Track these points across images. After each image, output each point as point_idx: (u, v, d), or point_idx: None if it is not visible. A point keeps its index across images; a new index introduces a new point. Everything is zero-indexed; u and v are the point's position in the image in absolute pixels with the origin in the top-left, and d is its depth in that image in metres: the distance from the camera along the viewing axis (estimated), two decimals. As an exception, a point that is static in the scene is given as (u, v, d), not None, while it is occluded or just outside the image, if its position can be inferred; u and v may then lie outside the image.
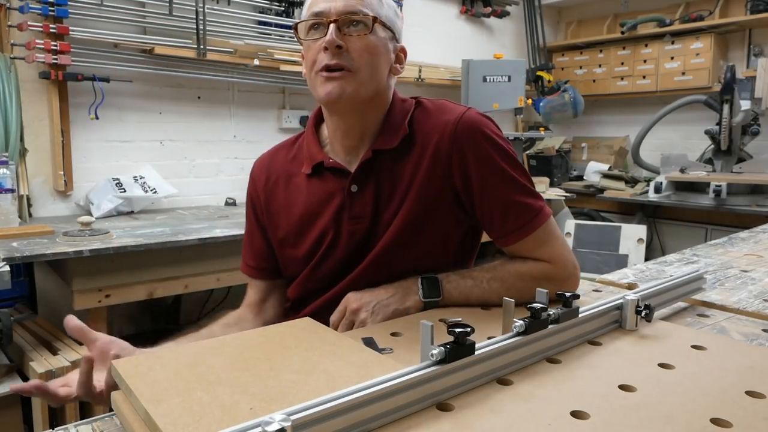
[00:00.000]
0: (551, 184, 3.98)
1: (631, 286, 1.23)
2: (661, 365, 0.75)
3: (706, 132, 3.64)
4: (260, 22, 3.04)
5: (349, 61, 0.96)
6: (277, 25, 3.07)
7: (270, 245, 1.14)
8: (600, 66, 4.49)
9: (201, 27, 2.74)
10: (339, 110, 1.01)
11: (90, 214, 2.44)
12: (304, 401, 0.55)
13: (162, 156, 2.88)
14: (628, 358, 0.78)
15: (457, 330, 0.65)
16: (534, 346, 0.74)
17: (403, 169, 1.04)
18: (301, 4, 3.01)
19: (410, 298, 1.00)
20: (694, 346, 0.81)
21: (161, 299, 2.38)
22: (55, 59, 2.36)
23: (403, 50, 1.07)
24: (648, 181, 3.91)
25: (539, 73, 4.16)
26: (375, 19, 0.98)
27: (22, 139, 2.36)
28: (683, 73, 4.06)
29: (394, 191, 1.03)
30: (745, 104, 3.37)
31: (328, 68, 0.96)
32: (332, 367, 0.71)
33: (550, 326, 0.76)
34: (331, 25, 0.95)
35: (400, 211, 1.03)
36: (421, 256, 1.04)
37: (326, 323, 0.99)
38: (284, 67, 3.00)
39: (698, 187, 3.49)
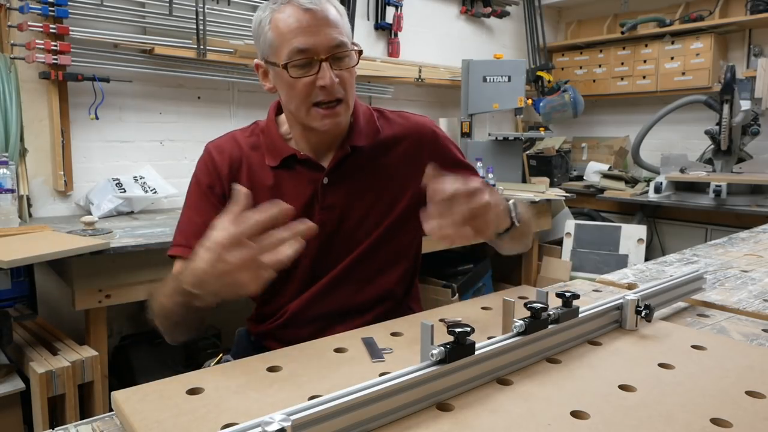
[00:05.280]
0: (551, 184, 3.96)
1: (631, 286, 1.22)
2: (661, 365, 0.75)
3: (706, 132, 3.64)
4: (260, 22, 3.04)
5: (342, 93, 1.02)
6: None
7: None
8: (600, 66, 4.49)
9: (201, 27, 2.73)
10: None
11: (90, 214, 2.44)
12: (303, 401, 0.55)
13: (162, 156, 2.88)
14: (628, 358, 0.78)
15: (457, 330, 0.65)
16: (534, 346, 0.74)
17: (377, 167, 1.11)
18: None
19: (504, 221, 0.99)
20: (694, 346, 0.81)
21: (161, 299, 2.38)
22: (55, 59, 2.36)
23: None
24: (648, 181, 3.91)
25: (539, 73, 4.15)
26: (360, 53, 1.04)
27: (22, 139, 2.35)
28: (683, 73, 4.06)
29: (368, 187, 1.10)
30: (745, 104, 3.36)
31: (325, 103, 1.01)
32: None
33: (550, 326, 0.76)
34: (324, 65, 0.99)
35: (382, 208, 1.10)
36: (402, 250, 1.12)
37: (314, 315, 1.06)
38: (284, 68, 2.99)
39: (698, 187, 3.48)
